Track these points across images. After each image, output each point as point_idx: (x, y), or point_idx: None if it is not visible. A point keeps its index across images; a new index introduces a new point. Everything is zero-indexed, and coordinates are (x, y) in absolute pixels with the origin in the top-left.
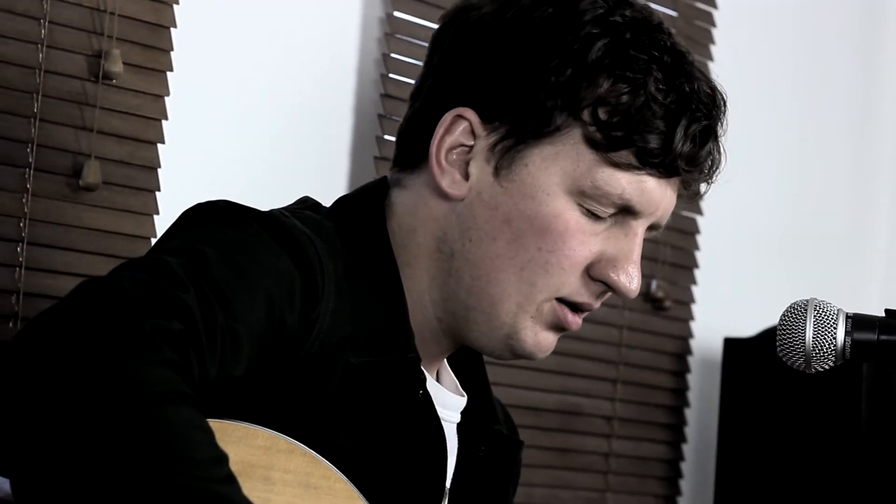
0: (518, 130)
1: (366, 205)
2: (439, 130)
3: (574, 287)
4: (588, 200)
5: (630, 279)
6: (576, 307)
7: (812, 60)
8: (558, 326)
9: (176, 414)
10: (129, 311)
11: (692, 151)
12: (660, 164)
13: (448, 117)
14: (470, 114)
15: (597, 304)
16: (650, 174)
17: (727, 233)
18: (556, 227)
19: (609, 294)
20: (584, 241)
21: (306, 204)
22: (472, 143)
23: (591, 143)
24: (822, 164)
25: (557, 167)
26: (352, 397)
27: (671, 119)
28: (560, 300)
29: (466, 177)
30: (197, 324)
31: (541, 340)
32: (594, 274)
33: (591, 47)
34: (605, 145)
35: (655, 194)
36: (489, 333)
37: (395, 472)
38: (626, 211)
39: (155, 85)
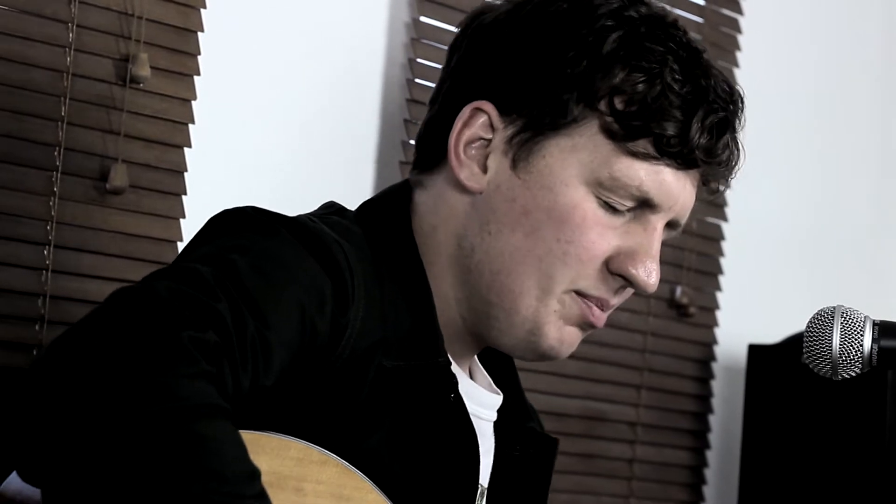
0: (535, 123)
1: (391, 208)
2: (458, 124)
3: (592, 280)
4: (606, 192)
5: (648, 273)
6: (594, 303)
7: (836, 66)
8: (583, 323)
9: (210, 428)
10: (165, 322)
11: (709, 143)
12: (677, 153)
13: (467, 110)
14: (488, 107)
15: (615, 300)
16: (668, 164)
17: (752, 239)
18: (574, 217)
19: (628, 291)
20: (603, 233)
21: (332, 209)
22: (490, 136)
23: (609, 133)
24: (846, 170)
25: (575, 158)
26: (384, 401)
27: (688, 109)
28: (579, 294)
29: (485, 170)
30: (231, 335)
31: (564, 336)
32: (613, 268)
33: (606, 39)
34: (623, 135)
35: (674, 187)
36: (509, 331)
37: (428, 475)
38: (644, 205)
39: (182, 89)
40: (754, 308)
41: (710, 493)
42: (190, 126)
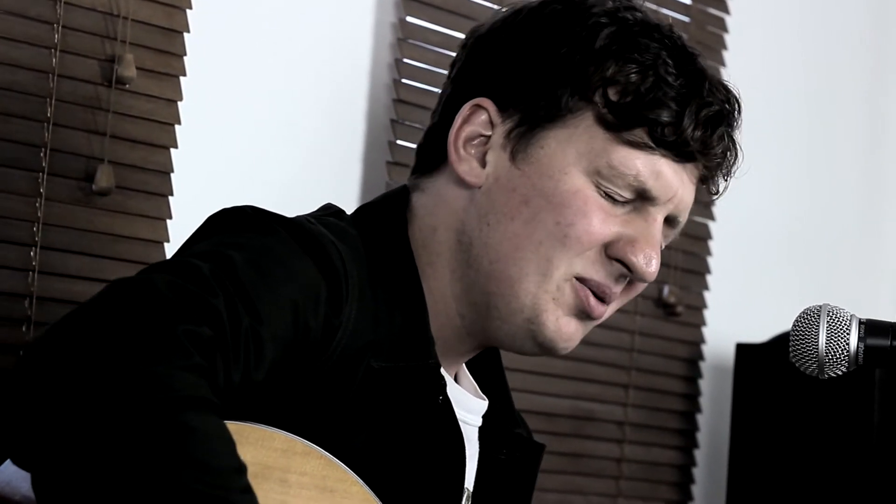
0: (531, 116)
1: (388, 212)
2: (458, 120)
3: (590, 262)
4: (604, 182)
5: (648, 261)
6: (595, 292)
7: (824, 66)
8: (581, 311)
9: (199, 421)
10: (161, 314)
11: (704, 135)
12: (672, 143)
13: (466, 107)
14: (487, 103)
15: (616, 289)
16: (664, 156)
17: (739, 238)
18: (574, 202)
19: (635, 289)
20: (605, 219)
21: (329, 211)
22: (490, 132)
23: (604, 123)
24: (833, 170)
25: (573, 148)
26: (372, 401)
27: (682, 101)
28: (579, 280)
29: (484, 165)
30: (225, 330)
31: (562, 326)
32: (612, 253)
33: (599, 35)
34: (618, 124)
35: (672, 179)
36: (509, 319)
37: (413, 475)
38: (643, 197)
39: (168, 89)
40: (742, 307)
41: (698, 492)
42: (176, 127)
